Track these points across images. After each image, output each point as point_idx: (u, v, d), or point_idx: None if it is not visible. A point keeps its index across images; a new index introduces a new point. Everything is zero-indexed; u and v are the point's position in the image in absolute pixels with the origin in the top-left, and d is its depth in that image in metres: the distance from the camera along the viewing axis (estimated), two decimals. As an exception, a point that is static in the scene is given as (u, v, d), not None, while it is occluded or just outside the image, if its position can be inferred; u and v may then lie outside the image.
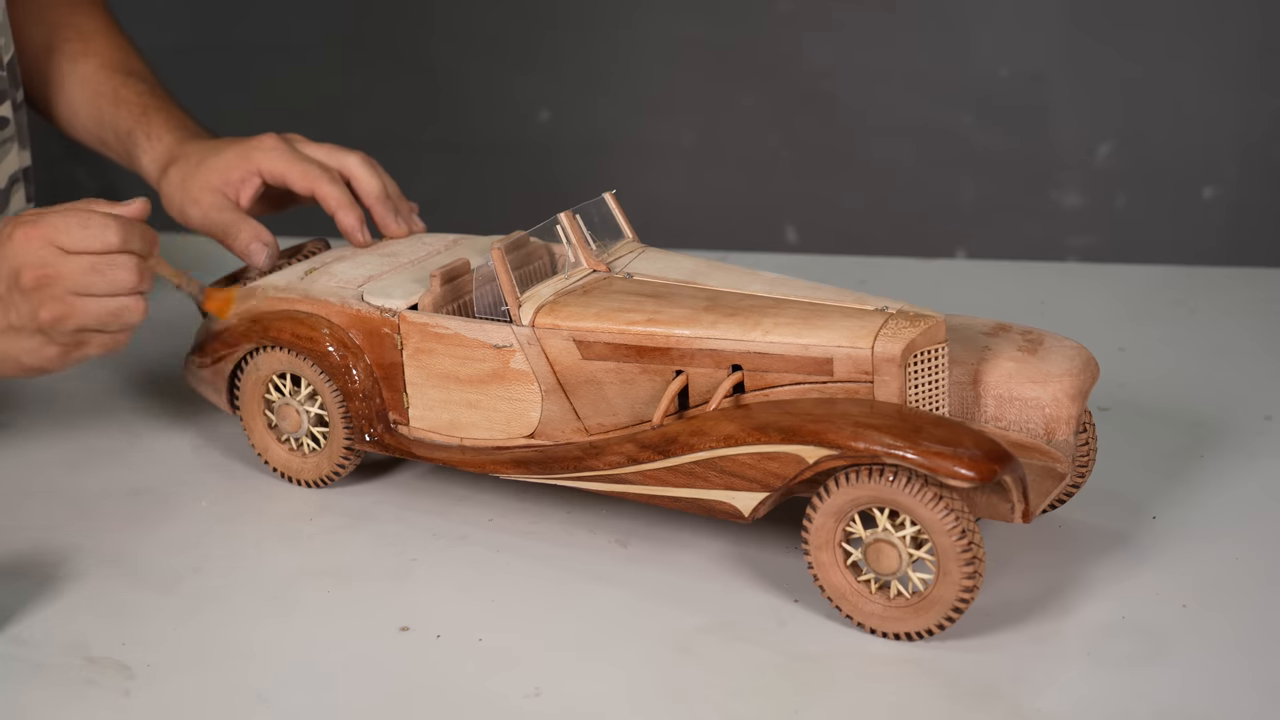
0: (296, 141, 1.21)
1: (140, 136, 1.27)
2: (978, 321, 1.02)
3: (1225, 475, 1.10)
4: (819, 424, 0.91)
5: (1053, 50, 2.19)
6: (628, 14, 2.28)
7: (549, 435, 1.01)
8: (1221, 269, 1.47)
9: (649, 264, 1.05)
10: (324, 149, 1.20)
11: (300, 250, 1.20)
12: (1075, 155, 2.23)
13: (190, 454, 1.18)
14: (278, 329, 1.08)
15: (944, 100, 2.22)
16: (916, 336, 0.93)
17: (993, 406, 0.97)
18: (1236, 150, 2.19)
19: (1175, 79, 2.17)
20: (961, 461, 0.88)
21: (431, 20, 2.32)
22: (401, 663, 0.92)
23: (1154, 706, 0.87)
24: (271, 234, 1.17)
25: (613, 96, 2.31)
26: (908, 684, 0.89)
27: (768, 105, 2.27)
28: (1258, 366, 1.27)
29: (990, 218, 2.25)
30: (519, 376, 1.01)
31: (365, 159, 1.19)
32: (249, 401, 1.11)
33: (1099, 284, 1.46)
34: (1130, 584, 0.98)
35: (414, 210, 1.20)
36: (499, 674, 0.91)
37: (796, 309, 0.97)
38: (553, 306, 1.00)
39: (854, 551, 0.93)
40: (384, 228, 1.18)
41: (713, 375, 0.97)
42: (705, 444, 0.94)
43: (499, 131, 2.32)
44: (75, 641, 0.95)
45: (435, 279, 1.04)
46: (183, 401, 1.24)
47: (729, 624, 0.95)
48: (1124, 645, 0.92)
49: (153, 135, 1.27)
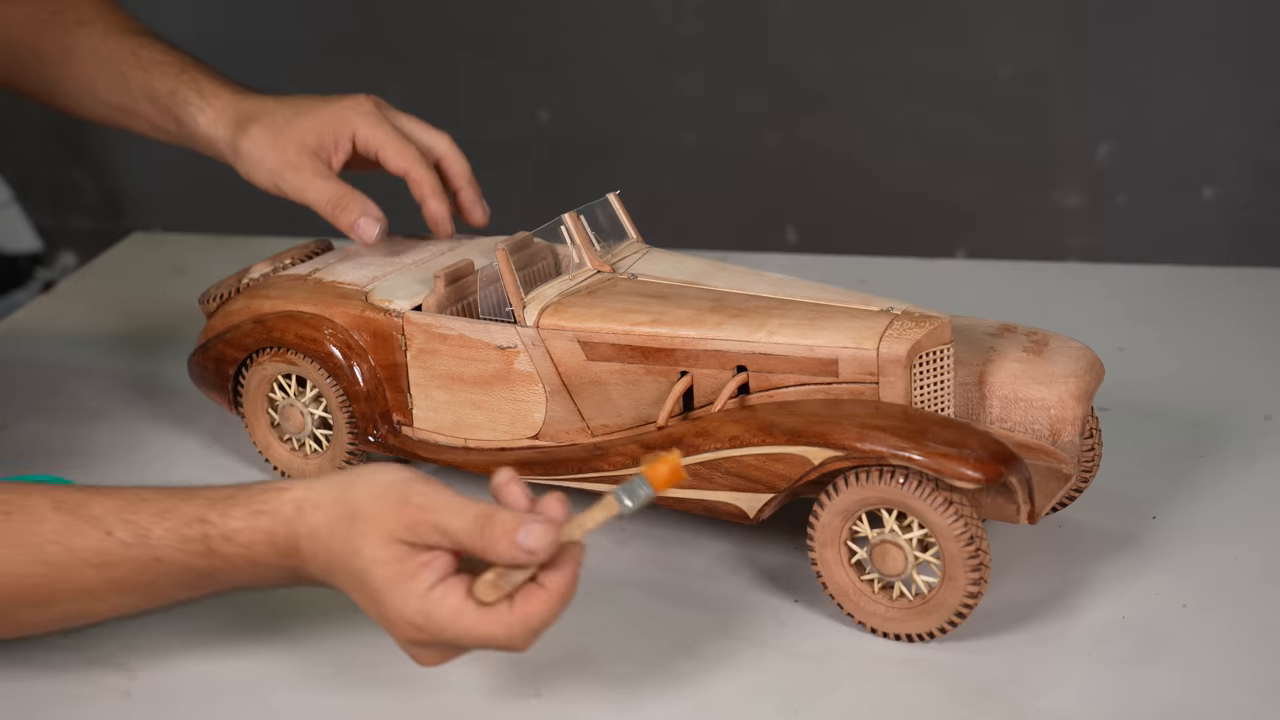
0: (384, 108, 1.15)
1: (190, 94, 1.17)
2: (983, 322, 1.02)
3: (1225, 475, 1.10)
4: (824, 425, 0.91)
5: (1053, 50, 2.19)
6: (628, 14, 2.28)
7: (553, 436, 1.02)
8: (1221, 269, 1.47)
9: (653, 265, 1.05)
10: (415, 123, 1.15)
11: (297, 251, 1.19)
12: (1075, 155, 2.23)
13: (194, 455, 1.18)
14: (281, 329, 1.08)
15: (944, 100, 2.22)
16: (922, 337, 0.93)
17: (998, 408, 0.97)
18: (1236, 150, 2.19)
19: (1175, 79, 2.17)
20: (967, 463, 0.88)
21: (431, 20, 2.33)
22: (402, 662, 0.92)
23: (1154, 706, 0.87)
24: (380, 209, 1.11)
25: (613, 96, 2.31)
26: (908, 684, 0.90)
27: (768, 105, 2.27)
28: (1258, 366, 1.27)
29: (990, 218, 2.25)
30: (523, 377, 1.01)
31: (453, 141, 1.15)
32: (252, 401, 1.12)
33: (1099, 284, 1.46)
34: (1130, 584, 0.98)
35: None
36: (499, 675, 0.91)
37: (801, 310, 0.97)
38: (557, 307, 1.00)
39: (859, 551, 0.93)
40: (469, 214, 1.15)
41: (718, 376, 0.97)
42: (710, 445, 0.94)
43: (499, 131, 2.32)
44: (75, 641, 0.95)
45: (439, 280, 1.04)
46: (187, 402, 1.24)
47: (730, 624, 0.95)
48: (1124, 645, 0.92)
49: (206, 92, 1.17)
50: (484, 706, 0.89)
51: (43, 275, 2.40)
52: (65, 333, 1.40)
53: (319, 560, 0.84)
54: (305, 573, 0.86)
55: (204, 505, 0.86)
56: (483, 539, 0.81)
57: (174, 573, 0.86)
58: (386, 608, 0.83)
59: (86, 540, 0.85)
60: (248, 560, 0.85)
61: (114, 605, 0.87)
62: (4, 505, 0.86)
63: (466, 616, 0.81)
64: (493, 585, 0.82)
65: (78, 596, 0.86)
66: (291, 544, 0.84)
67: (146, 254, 1.58)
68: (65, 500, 0.87)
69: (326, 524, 0.84)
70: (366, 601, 0.84)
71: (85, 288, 1.51)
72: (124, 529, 0.85)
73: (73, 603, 0.86)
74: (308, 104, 1.15)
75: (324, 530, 0.84)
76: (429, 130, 1.16)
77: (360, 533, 0.83)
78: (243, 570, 0.86)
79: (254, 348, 1.10)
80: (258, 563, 0.85)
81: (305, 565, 0.85)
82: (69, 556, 0.85)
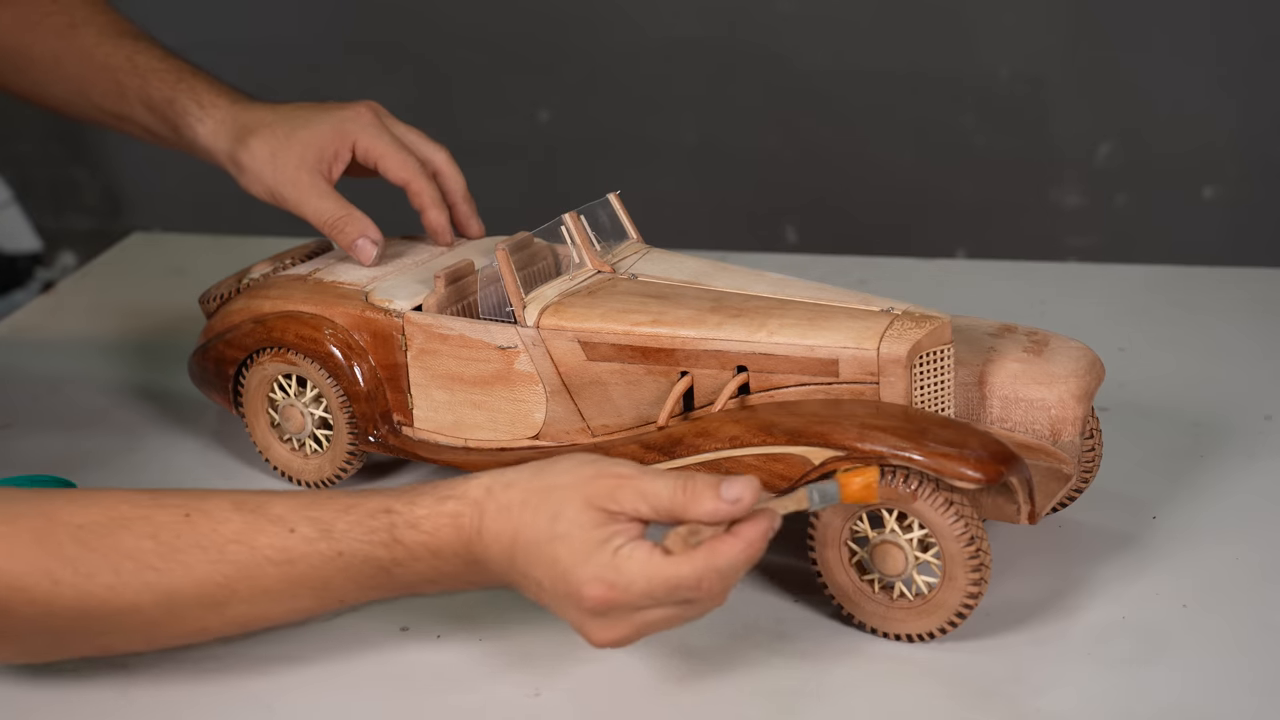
0: (384, 117, 1.16)
1: (189, 104, 1.17)
2: (983, 323, 1.02)
3: (1225, 475, 1.10)
4: (825, 425, 0.91)
5: (1053, 50, 2.19)
6: (628, 14, 2.28)
7: (553, 437, 1.02)
8: (1221, 269, 1.47)
9: (653, 265, 1.05)
10: (415, 134, 1.16)
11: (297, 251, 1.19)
12: (1075, 155, 2.23)
13: (194, 455, 1.18)
14: (281, 329, 1.08)
15: (944, 100, 2.23)
16: (922, 338, 0.93)
17: (998, 408, 0.97)
18: (1236, 150, 2.19)
19: (1175, 79, 2.17)
20: (968, 463, 0.88)
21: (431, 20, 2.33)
22: (402, 663, 0.93)
23: (1154, 706, 0.87)
24: (379, 229, 1.12)
25: (613, 96, 2.31)
26: (908, 684, 0.90)
27: (768, 105, 2.27)
28: (1258, 366, 1.27)
29: (990, 218, 2.26)
30: (523, 378, 1.01)
31: (450, 155, 1.16)
32: (252, 401, 1.12)
33: (1099, 284, 1.46)
34: (1130, 584, 0.98)
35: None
36: (499, 674, 0.91)
37: (802, 310, 0.97)
38: (557, 307, 1.00)
39: (859, 551, 0.93)
40: (465, 227, 1.16)
41: (718, 376, 0.97)
42: (710, 445, 0.94)
43: (499, 131, 2.33)
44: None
45: (440, 280, 1.04)
46: (187, 402, 1.24)
47: (729, 624, 0.95)
48: (1124, 645, 0.92)
49: (204, 102, 1.17)
50: (484, 706, 0.89)
51: (43, 275, 2.41)
52: (65, 333, 1.40)
53: (502, 541, 0.85)
54: (480, 561, 0.86)
55: (390, 496, 0.87)
56: (685, 494, 0.83)
57: (354, 567, 0.86)
58: (579, 570, 0.82)
59: (270, 538, 0.86)
60: (429, 549, 0.86)
61: (290, 608, 0.88)
62: (183, 508, 0.87)
63: (655, 563, 0.82)
64: (683, 539, 0.83)
65: (256, 597, 0.87)
66: (475, 526, 0.85)
67: (146, 254, 1.58)
68: (245, 502, 0.88)
69: (520, 499, 0.85)
70: (552, 571, 0.83)
71: (85, 288, 1.51)
72: (308, 525, 0.86)
73: (250, 604, 0.87)
74: (307, 115, 1.15)
75: (515, 505, 0.85)
76: (428, 142, 1.17)
77: (561, 499, 0.84)
78: (423, 561, 0.86)
79: (254, 348, 1.10)
80: (439, 552, 0.86)
81: (485, 549, 0.85)
82: (251, 554, 0.86)
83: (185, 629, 0.88)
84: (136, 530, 0.86)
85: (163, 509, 0.87)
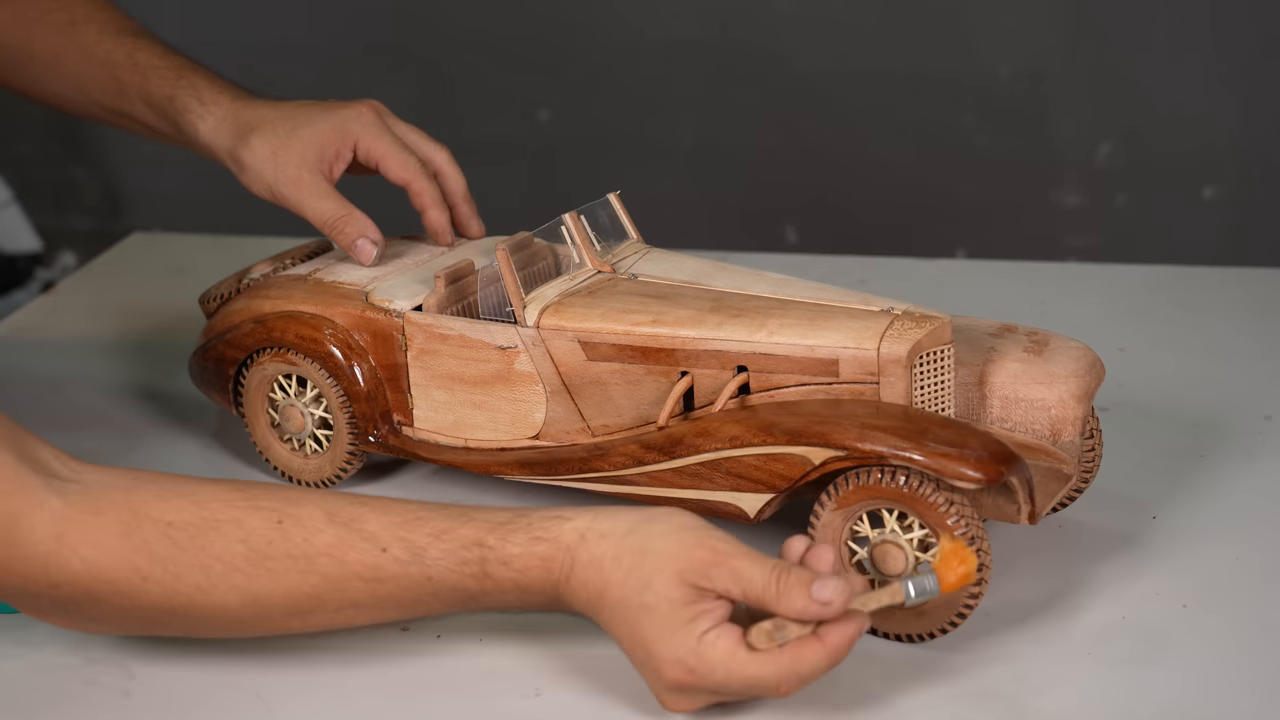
0: (385, 116, 1.16)
1: (190, 101, 1.17)
2: (983, 323, 1.02)
3: (1225, 475, 1.10)
4: (825, 425, 0.91)
5: (1053, 50, 2.19)
6: (628, 15, 2.28)
7: (554, 436, 1.02)
8: (1221, 269, 1.47)
9: (653, 265, 1.05)
10: (416, 134, 1.16)
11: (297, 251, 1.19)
12: (1075, 155, 2.23)
13: (194, 455, 1.18)
14: (281, 329, 1.08)
15: (944, 100, 2.23)
16: (922, 338, 0.93)
17: (998, 408, 0.97)
18: (1236, 150, 2.19)
19: (1175, 79, 2.17)
20: (968, 463, 0.88)
21: (432, 21, 2.33)
22: (402, 663, 0.93)
23: (1154, 706, 0.87)
24: (379, 229, 1.12)
25: (613, 96, 2.31)
26: (908, 684, 0.90)
27: (768, 105, 2.28)
28: (1258, 366, 1.27)
29: (990, 218, 2.26)
30: (524, 378, 1.01)
31: (451, 156, 1.16)
32: (252, 401, 1.12)
33: (1099, 284, 1.46)
34: (1130, 584, 0.98)
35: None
36: (499, 674, 0.91)
37: (802, 310, 0.97)
38: (558, 307, 1.00)
39: (860, 551, 0.93)
40: (465, 227, 1.16)
41: (718, 376, 0.97)
42: (711, 445, 0.94)
43: (500, 131, 2.33)
44: (75, 641, 0.95)
45: (440, 280, 1.04)
46: (187, 402, 1.24)
47: (731, 624, 0.95)
48: (1124, 645, 0.92)
49: (206, 100, 1.16)
50: (484, 706, 0.89)
51: (43, 275, 2.41)
52: (65, 333, 1.40)
53: (589, 590, 0.85)
54: (565, 602, 0.86)
55: (483, 529, 0.86)
56: (777, 586, 0.82)
57: (441, 592, 0.87)
58: (661, 647, 0.83)
59: (361, 555, 0.86)
60: (518, 586, 0.86)
61: (372, 617, 0.89)
62: (276, 513, 0.87)
63: (739, 658, 0.82)
64: (768, 635, 0.82)
65: (342, 608, 0.87)
66: (565, 571, 0.85)
67: (146, 254, 1.58)
68: (339, 513, 0.87)
69: (612, 554, 0.84)
70: (634, 638, 0.84)
71: (85, 288, 1.51)
72: (400, 547, 0.86)
73: (336, 613, 0.88)
74: (308, 113, 1.15)
75: (607, 560, 0.84)
76: (429, 142, 1.17)
77: (654, 567, 0.83)
78: (509, 594, 0.87)
79: (254, 348, 1.10)
80: (527, 589, 0.86)
81: (572, 594, 0.85)
82: (341, 569, 0.86)
83: (270, 629, 0.89)
84: (227, 533, 0.86)
85: (256, 511, 0.87)
